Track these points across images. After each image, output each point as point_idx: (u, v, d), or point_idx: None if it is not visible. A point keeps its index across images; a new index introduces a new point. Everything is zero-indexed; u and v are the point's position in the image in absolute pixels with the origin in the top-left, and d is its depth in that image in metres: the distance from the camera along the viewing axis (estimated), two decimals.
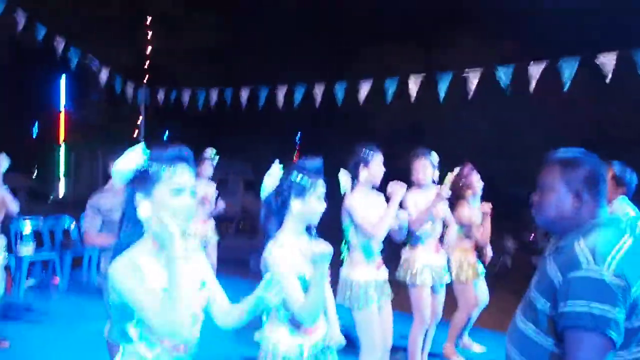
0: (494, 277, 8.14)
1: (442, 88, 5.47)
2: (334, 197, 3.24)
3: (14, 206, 4.53)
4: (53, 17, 10.73)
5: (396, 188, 3.30)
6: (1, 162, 4.43)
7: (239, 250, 7.91)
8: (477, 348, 4.86)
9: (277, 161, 2.35)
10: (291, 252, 2.20)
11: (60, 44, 6.58)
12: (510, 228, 9.64)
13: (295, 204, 2.24)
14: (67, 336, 5.09)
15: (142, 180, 1.63)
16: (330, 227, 2.49)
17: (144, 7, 13.95)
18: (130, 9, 15.07)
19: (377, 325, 3.29)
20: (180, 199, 1.61)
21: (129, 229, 1.66)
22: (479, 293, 4.66)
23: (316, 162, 2.29)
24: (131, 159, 1.64)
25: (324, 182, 2.29)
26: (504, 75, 5.08)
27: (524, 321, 1.69)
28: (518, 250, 9.24)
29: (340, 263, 3.41)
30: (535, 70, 4.89)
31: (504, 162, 16.08)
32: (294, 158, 24.95)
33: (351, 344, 3.40)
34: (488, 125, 16.05)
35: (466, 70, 5.36)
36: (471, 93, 5.26)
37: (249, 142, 20.77)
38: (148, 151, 1.67)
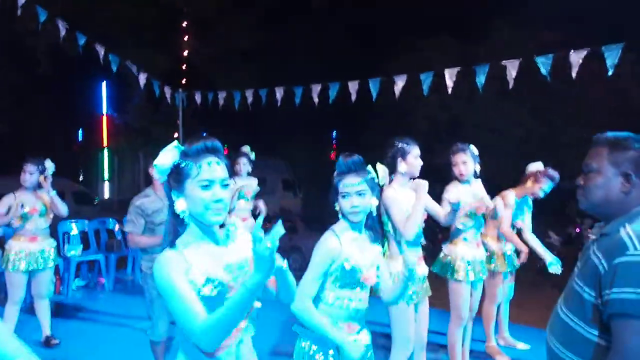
0: (537, 273, 7.95)
1: (480, 80, 5.34)
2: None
3: (64, 210, 4.69)
4: (92, 25, 11.03)
5: (420, 184, 3.25)
6: (47, 168, 4.60)
7: (278, 249, 7.96)
8: (521, 346, 4.75)
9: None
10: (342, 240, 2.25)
11: (100, 51, 6.75)
12: (554, 222, 9.37)
13: (338, 205, 2.30)
14: (113, 334, 5.25)
15: (174, 176, 1.66)
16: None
17: (179, 12, 14.22)
18: (165, 15, 15.36)
19: (411, 320, 3.25)
20: (210, 192, 1.62)
21: (171, 224, 1.68)
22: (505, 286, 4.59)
23: (355, 159, 2.30)
24: (166, 156, 1.67)
25: (361, 179, 2.28)
26: (543, 64, 4.92)
27: (566, 312, 1.64)
28: (563, 245, 8.96)
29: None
30: (577, 58, 4.72)
31: (547, 153, 15.62)
32: (331, 155, 24.95)
33: (385, 337, 3.38)
34: (529, 116, 15.64)
35: (503, 61, 5.22)
36: (511, 83, 5.11)
37: (286, 141, 20.90)
38: (181, 147, 1.69)
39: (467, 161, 3.86)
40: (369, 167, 2.39)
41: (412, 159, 3.35)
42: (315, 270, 2.22)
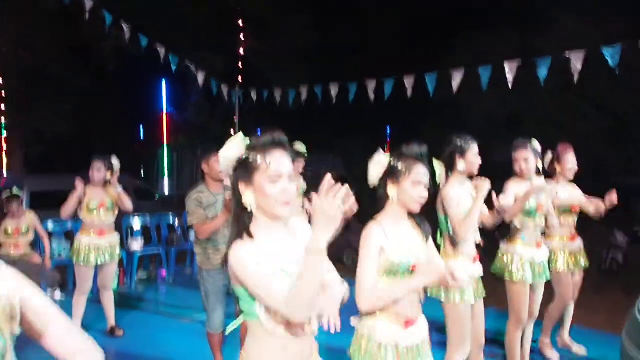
0: (603, 274, 7.58)
1: (542, 73, 5.14)
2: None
3: (129, 205, 4.88)
4: (153, 27, 11.40)
5: (481, 184, 3.16)
6: (114, 165, 4.82)
7: (331, 245, 7.97)
8: (576, 349, 4.53)
9: (380, 150, 2.37)
10: (387, 231, 2.22)
11: (161, 52, 6.98)
12: (621, 221, 8.91)
13: (390, 189, 2.26)
14: (173, 325, 5.43)
15: (242, 168, 1.67)
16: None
17: (234, 12, 14.50)
18: (221, 15, 15.67)
19: (467, 320, 3.18)
20: (278, 185, 1.64)
21: (238, 216, 1.71)
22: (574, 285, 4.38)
23: (415, 148, 2.29)
24: (232, 148, 1.70)
25: (426, 169, 2.27)
26: (610, 55, 4.68)
27: None
28: (631, 245, 8.50)
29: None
30: None
31: (614, 150, 14.92)
32: (385, 151, 24.75)
33: (440, 336, 3.33)
34: (594, 110, 14.92)
35: (566, 52, 5.00)
36: (576, 76, 4.88)
37: (340, 137, 20.89)
38: (247, 140, 1.71)
39: (528, 158, 3.73)
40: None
41: (472, 156, 3.29)
42: (368, 263, 2.19)
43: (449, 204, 3.20)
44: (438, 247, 3.29)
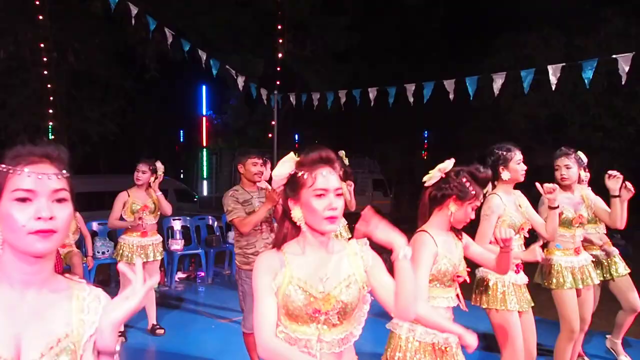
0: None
1: (587, 75, 4.99)
2: None
3: (168, 209, 5.00)
4: (195, 32, 11.65)
5: (532, 254, 2.99)
6: (158, 168, 4.94)
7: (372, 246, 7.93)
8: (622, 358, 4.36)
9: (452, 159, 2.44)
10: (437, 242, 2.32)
11: (202, 56, 7.12)
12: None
13: (453, 206, 2.36)
14: (211, 324, 5.51)
15: (291, 185, 1.73)
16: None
17: (273, 16, 14.65)
18: (261, 19, 15.86)
19: (518, 327, 3.12)
20: (323, 202, 1.67)
21: (282, 227, 1.77)
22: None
23: (484, 173, 2.42)
24: (284, 166, 1.76)
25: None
26: None
27: None
28: None
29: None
30: None
31: None
32: (422, 155, 24.50)
33: (492, 348, 3.26)
34: None
35: (615, 54, 4.84)
36: (624, 78, 4.71)
37: (378, 141, 20.81)
38: (296, 157, 1.77)
39: (570, 165, 3.64)
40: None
41: (515, 165, 3.25)
42: (423, 271, 2.25)
43: (486, 215, 3.15)
44: None
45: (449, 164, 2.39)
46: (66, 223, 1.19)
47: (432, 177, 2.40)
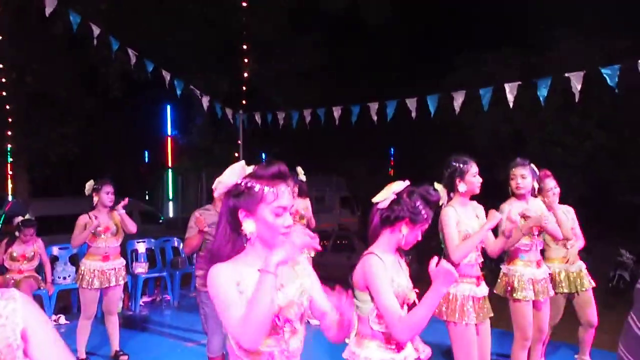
0: (609, 293, 7.53)
1: (542, 93, 5.18)
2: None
3: (133, 227, 4.88)
4: (159, 52, 11.57)
5: (494, 215, 3.20)
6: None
7: (336, 267, 7.94)
8: None
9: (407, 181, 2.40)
10: (385, 264, 2.26)
11: (166, 77, 7.06)
12: (627, 239, 8.85)
13: (405, 229, 2.30)
14: (178, 348, 5.39)
15: (245, 197, 1.68)
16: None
17: (239, 36, 14.69)
18: (226, 39, 15.89)
19: (473, 342, 3.16)
20: (282, 219, 1.67)
21: (228, 239, 1.71)
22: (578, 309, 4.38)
23: (435, 197, 2.38)
24: (232, 174, 1.71)
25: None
26: (609, 75, 4.70)
27: None
28: (637, 263, 8.45)
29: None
30: None
31: (618, 168, 14.90)
32: (389, 172, 24.76)
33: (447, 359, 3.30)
34: (597, 129, 14.94)
35: (567, 73, 5.03)
36: (577, 96, 4.90)
37: (344, 159, 20.95)
38: (250, 168, 1.74)
39: (525, 175, 3.75)
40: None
41: (471, 177, 3.30)
42: (387, 294, 2.18)
43: (445, 225, 3.21)
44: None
45: (401, 185, 2.34)
46: None
47: (384, 198, 2.34)
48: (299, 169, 5.88)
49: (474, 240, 3.13)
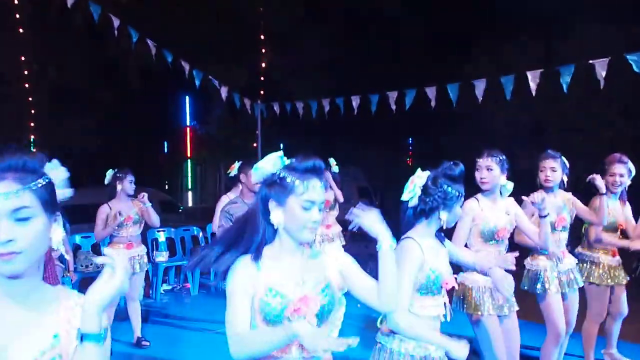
0: (633, 284, 7.39)
1: (565, 80, 5.08)
2: None
3: (156, 220, 5.00)
4: (178, 43, 11.63)
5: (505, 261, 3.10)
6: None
7: (354, 256, 7.92)
8: None
9: (419, 169, 2.38)
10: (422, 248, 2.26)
11: (185, 67, 7.10)
12: None
13: (443, 214, 2.29)
14: (197, 336, 5.47)
15: (277, 188, 1.70)
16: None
17: (256, 26, 14.71)
18: (244, 30, 15.90)
19: (495, 333, 3.14)
20: (309, 213, 1.68)
21: (258, 229, 1.74)
22: (615, 301, 4.25)
23: (458, 170, 2.33)
24: (269, 163, 1.74)
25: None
26: (635, 62, 4.59)
27: None
28: None
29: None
30: None
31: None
32: (407, 162, 24.64)
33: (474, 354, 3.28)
34: (620, 117, 14.63)
35: (591, 59, 4.92)
36: (602, 83, 4.79)
37: (363, 148, 20.86)
38: (286, 160, 1.76)
39: (555, 167, 3.70)
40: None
41: (476, 170, 3.28)
42: (406, 279, 2.19)
43: (461, 217, 3.17)
44: None
45: (423, 177, 2.31)
46: (32, 242, 1.14)
47: (413, 195, 2.31)
48: (332, 161, 5.95)
49: (472, 261, 3.00)
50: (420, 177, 2.31)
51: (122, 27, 6.23)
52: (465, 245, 3.17)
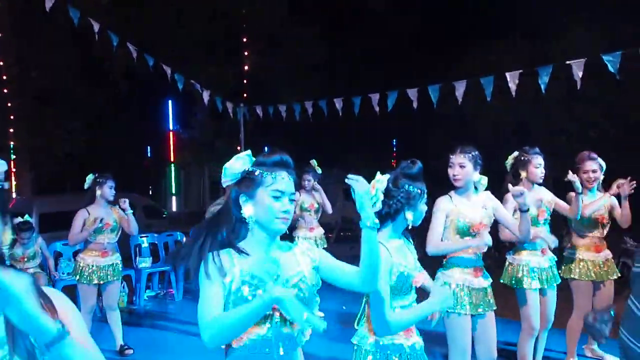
0: (615, 281, 7.50)
1: (544, 81, 5.14)
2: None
3: (135, 229, 4.91)
4: (159, 47, 11.55)
5: (481, 236, 3.17)
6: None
7: (340, 258, 7.93)
8: (609, 359, 4.41)
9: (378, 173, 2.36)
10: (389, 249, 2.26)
11: (167, 71, 7.04)
12: (632, 226, 8.80)
13: (408, 214, 2.30)
14: (183, 342, 5.40)
15: (247, 182, 1.76)
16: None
17: (239, 29, 14.67)
18: (226, 32, 15.84)
19: (466, 332, 3.16)
20: (279, 202, 1.71)
21: (231, 226, 1.77)
22: (599, 296, 4.29)
23: (417, 168, 2.34)
24: (238, 161, 1.78)
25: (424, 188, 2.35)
26: (610, 62, 4.64)
27: None
28: None
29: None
30: None
31: (623, 156, 14.79)
32: (392, 163, 24.73)
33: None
34: (602, 117, 14.83)
35: (568, 61, 4.98)
36: (579, 83, 4.86)
37: (347, 151, 20.91)
38: (253, 157, 1.81)
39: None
40: None
41: (449, 169, 3.26)
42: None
43: (433, 214, 3.19)
44: None
45: (383, 181, 2.24)
46: None
47: (376, 201, 2.25)
48: (314, 162, 5.97)
49: (452, 247, 3.13)
50: (380, 182, 2.29)
51: (103, 31, 6.16)
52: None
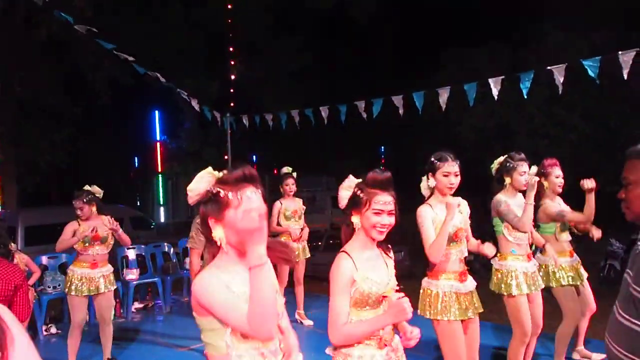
0: (601, 283, 7.61)
1: (525, 86, 5.21)
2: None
3: (128, 241, 4.94)
4: (146, 57, 11.51)
5: (450, 205, 3.08)
6: (97, 192, 4.80)
7: (328, 266, 7.92)
8: (596, 357, 4.45)
9: (350, 176, 2.37)
10: (356, 261, 2.19)
11: (161, 80, 7.02)
12: (616, 229, 8.91)
13: (354, 218, 2.26)
14: (170, 355, 5.36)
15: (212, 204, 1.68)
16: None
17: (225, 38, 14.66)
18: (212, 42, 15.86)
19: (459, 337, 3.16)
20: (248, 221, 1.59)
21: (208, 248, 1.74)
22: (582, 298, 4.35)
23: (386, 174, 2.28)
24: (201, 181, 1.70)
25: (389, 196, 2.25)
26: (590, 67, 4.72)
27: (629, 318, 1.61)
28: (627, 252, 8.52)
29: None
30: (627, 59, 4.48)
31: (605, 159, 15.00)
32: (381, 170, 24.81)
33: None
34: (583, 120, 15.03)
35: (549, 66, 5.06)
36: (560, 88, 4.93)
37: (335, 158, 20.99)
38: (216, 174, 1.72)
39: (526, 171, 3.80)
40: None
41: (439, 175, 3.20)
42: (340, 296, 2.16)
43: (420, 225, 3.17)
44: None
45: (351, 182, 2.30)
46: None
47: (341, 200, 2.34)
48: (287, 168, 5.98)
49: (442, 234, 3.06)
50: (347, 189, 2.30)
51: (88, 42, 6.14)
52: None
